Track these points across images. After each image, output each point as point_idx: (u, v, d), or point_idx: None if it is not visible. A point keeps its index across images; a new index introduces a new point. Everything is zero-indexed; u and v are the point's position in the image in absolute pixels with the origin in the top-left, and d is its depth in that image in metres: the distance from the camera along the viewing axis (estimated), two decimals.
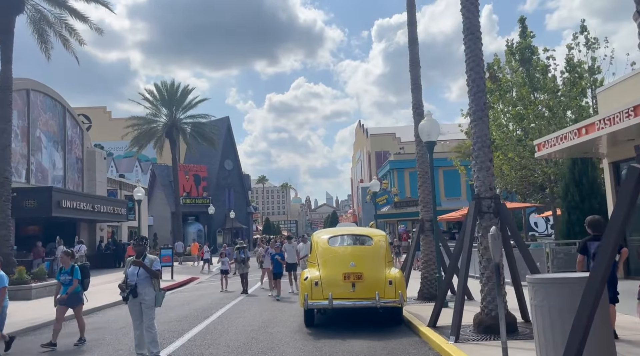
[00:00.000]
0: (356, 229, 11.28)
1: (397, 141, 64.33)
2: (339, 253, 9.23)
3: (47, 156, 27.63)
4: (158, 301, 6.89)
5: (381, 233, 10.11)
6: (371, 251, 9.23)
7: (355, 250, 9.31)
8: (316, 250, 9.38)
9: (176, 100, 38.85)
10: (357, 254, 9.12)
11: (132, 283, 6.74)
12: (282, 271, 14.64)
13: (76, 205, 25.07)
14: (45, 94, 27.70)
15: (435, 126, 10.42)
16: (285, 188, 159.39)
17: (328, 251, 9.29)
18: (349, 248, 9.38)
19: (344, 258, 9.00)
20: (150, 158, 66.74)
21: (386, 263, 9.10)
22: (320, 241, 9.56)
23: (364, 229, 10.86)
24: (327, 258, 9.11)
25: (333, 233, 10.05)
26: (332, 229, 11.42)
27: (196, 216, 54.61)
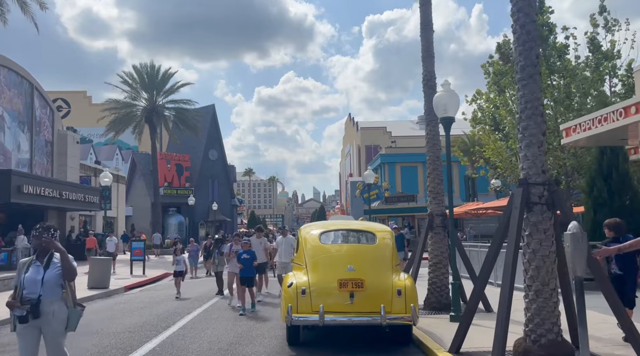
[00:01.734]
0: (354, 223, 9.10)
1: (389, 135, 62.47)
2: (333, 252, 7.24)
3: (10, 137, 25.23)
4: (71, 323, 4.50)
5: (386, 229, 8.14)
6: (374, 251, 7.27)
7: (354, 250, 7.33)
8: (304, 248, 7.39)
9: (157, 84, 36.53)
10: (356, 254, 7.15)
11: (32, 296, 4.35)
12: (253, 275, 10.71)
13: (40, 191, 22.79)
14: (10, 69, 25.27)
15: (453, 98, 8.47)
16: (273, 181, 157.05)
17: (319, 250, 7.29)
18: (346, 247, 7.41)
19: (339, 259, 7.03)
20: (132, 146, 64.11)
21: (393, 266, 7.15)
22: (310, 238, 7.56)
23: (365, 224, 8.73)
24: (318, 259, 7.12)
25: (325, 227, 8.03)
26: (325, 222, 9.36)
27: (177, 208, 52.22)
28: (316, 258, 7.14)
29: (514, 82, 15.89)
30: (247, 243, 10.92)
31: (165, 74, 36.72)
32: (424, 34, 10.02)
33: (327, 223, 9.35)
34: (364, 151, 62.83)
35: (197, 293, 14.48)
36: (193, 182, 52.84)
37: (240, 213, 72.83)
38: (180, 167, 52.69)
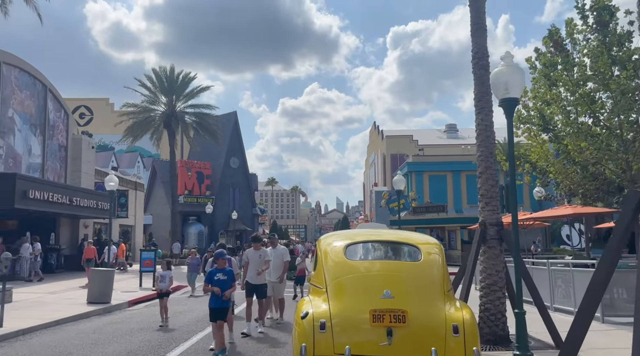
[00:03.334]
0: (389, 233, 6.74)
1: (415, 143, 60.35)
2: (362, 272, 5.42)
3: (21, 140, 24.18)
4: None
5: (431, 240, 6.23)
6: (419, 271, 5.43)
7: (392, 269, 5.49)
8: (324, 266, 5.60)
9: (176, 88, 35.36)
10: (394, 275, 5.31)
11: None
12: (227, 306, 7.49)
13: (48, 197, 21.54)
14: (22, 70, 24.29)
15: (517, 74, 6.61)
16: (295, 191, 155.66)
17: (344, 268, 5.47)
18: (381, 265, 5.58)
19: (372, 281, 5.23)
20: (154, 154, 63.49)
21: (445, 292, 5.30)
22: (332, 251, 5.76)
23: (403, 234, 6.68)
24: (343, 280, 5.31)
25: (351, 237, 6.12)
26: (351, 231, 7.45)
27: (198, 216, 51.00)
28: (340, 279, 5.33)
29: (569, 75, 13.91)
30: (224, 259, 7.54)
31: (185, 77, 35.58)
32: (473, 3, 8.19)
33: (353, 232, 7.10)
34: (389, 159, 60.81)
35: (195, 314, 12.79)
36: (214, 190, 51.62)
37: (262, 223, 71.37)
38: (200, 175, 51.56)
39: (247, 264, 9.80)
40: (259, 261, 9.54)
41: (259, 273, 9.46)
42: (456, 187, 44.64)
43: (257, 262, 9.53)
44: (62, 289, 17.53)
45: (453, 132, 69.13)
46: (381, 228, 7.50)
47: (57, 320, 11.20)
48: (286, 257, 10.55)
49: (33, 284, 18.27)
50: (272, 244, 10.58)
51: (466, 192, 44.72)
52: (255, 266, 9.51)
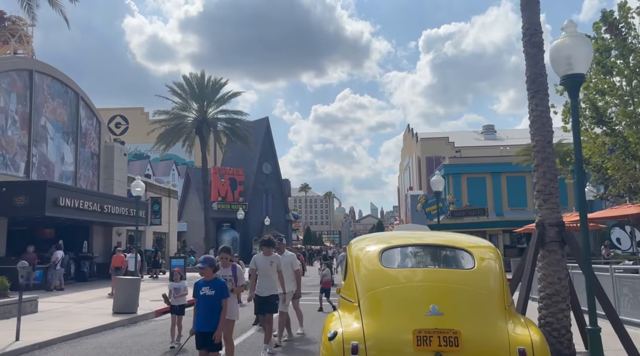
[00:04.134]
0: (433, 235, 5.67)
1: (451, 146, 58.64)
2: (403, 283, 4.49)
3: (53, 148, 24.22)
4: None
5: (485, 243, 5.24)
6: (473, 282, 4.45)
7: (439, 279, 4.52)
8: (355, 275, 4.70)
9: (207, 94, 35.13)
10: (443, 287, 4.34)
11: None
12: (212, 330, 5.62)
13: (79, 204, 21.36)
14: (54, 78, 24.37)
15: (584, 45, 5.57)
16: (329, 197, 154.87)
17: (381, 278, 4.56)
18: (425, 274, 4.63)
19: (415, 294, 4.30)
20: (188, 161, 63.93)
21: (506, 306, 4.32)
22: (365, 258, 4.86)
23: (450, 236, 5.59)
24: (380, 293, 4.40)
25: (387, 241, 5.14)
26: (387, 234, 6.43)
27: (232, 223, 50.82)
28: (376, 291, 4.41)
29: (626, 52, 12.58)
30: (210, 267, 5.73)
31: (216, 83, 35.32)
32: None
33: (389, 234, 6.12)
34: (425, 162, 59.25)
35: None
36: (247, 196, 51.38)
37: (295, 229, 70.83)
38: (234, 182, 51.42)
39: (254, 273, 8.28)
40: (270, 269, 8.20)
41: None
42: (496, 189, 42.84)
43: (267, 270, 8.17)
44: (91, 298, 17.15)
45: (491, 133, 66.96)
46: (422, 229, 6.40)
47: (79, 331, 10.66)
48: (295, 265, 9.28)
49: (62, 294, 17.99)
50: (278, 250, 9.03)
51: (507, 194, 42.87)
52: (265, 275, 8.16)
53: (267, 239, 8.58)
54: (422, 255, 4.96)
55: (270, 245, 8.44)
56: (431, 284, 4.40)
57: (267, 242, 8.46)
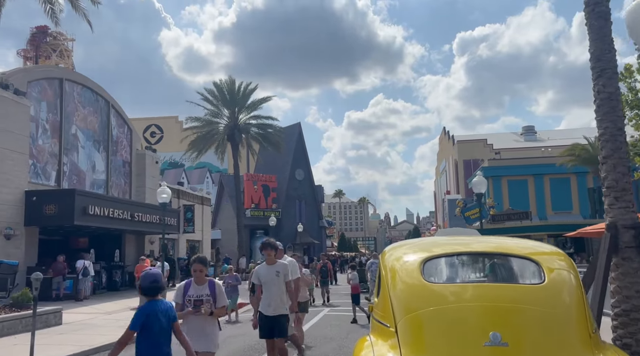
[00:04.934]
0: (488, 240, 4.60)
1: (489, 148, 56.69)
2: (452, 302, 3.54)
3: (84, 157, 24.16)
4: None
5: (553, 250, 4.20)
6: (545, 301, 3.47)
7: (499, 297, 3.50)
8: (390, 291, 3.81)
9: (238, 100, 34.83)
10: (505, 309, 3.37)
11: None
12: None
13: (109, 213, 21.10)
14: (84, 86, 24.35)
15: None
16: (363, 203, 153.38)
17: (423, 295, 3.61)
18: (480, 291, 3.67)
19: (468, 317, 3.36)
20: (222, 169, 64.06)
21: (590, 333, 3.32)
22: (403, 270, 3.94)
23: (508, 242, 4.38)
24: (423, 315, 3.47)
25: (429, 249, 4.13)
26: (428, 240, 5.17)
27: (265, 230, 50.38)
28: (418, 313, 3.48)
29: None
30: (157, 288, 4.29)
31: (246, 89, 35.00)
32: None
33: (431, 240, 4.85)
34: (462, 166, 57.49)
35: None
36: (280, 203, 50.87)
37: (330, 236, 69.92)
38: (266, 188, 51.01)
39: (259, 289, 6.86)
40: (276, 281, 6.65)
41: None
42: (539, 192, 40.91)
43: (273, 283, 6.63)
44: (119, 308, 16.71)
45: (531, 135, 64.51)
46: (472, 234, 5.30)
47: (97, 346, 10.07)
48: (295, 273, 7.62)
49: (90, 304, 17.63)
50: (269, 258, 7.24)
51: (550, 197, 40.88)
52: (270, 289, 6.63)
53: (266, 241, 6.88)
54: (475, 266, 4.01)
55: (271, 248, 6.73)
56: (489, 304, 3.43)
57: (266, 244, 6.75)
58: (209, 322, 5.13)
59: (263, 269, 6.82)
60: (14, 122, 18.70)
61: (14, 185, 18.53)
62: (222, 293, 5.28)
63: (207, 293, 5.12)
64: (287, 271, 6.82)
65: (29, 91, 20.15)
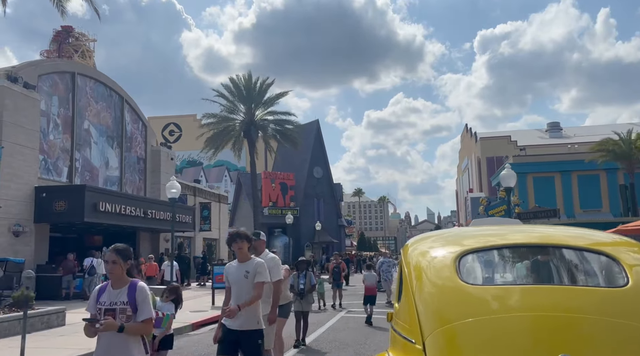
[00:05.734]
0: (538, 230, 3.53)
1: (514, 144, 55.01)
2: (499, 311, 2.61)
3: (97, 153, 23.72)
4: None
5: (629, 241, 3.25)
6: (631, 313, 2.56)
7: (566, 305, 2.52)
8: (416, 296, 2.86)
9: (255, 95, 34.10)
10: (574, 321, 2.48)
11: None
12: None
13: (120, 209, 20.60)
14: (97, 81, 23.92)
15: None
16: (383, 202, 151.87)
17: (460, 301, 2.67)
18: (537, 295, 2.69)
19: (524, 333, 2.45)
20: (240, 167, 63.64)
21: None
22: (431, 267, 3.00)
23: (567, 231, 3.39)
24: (461, 328, 2.53)
25: (463, 242, 3.16)
26: (462, 230, 3.98)
27: (283, 228, 49.72)
28: (453, 325, 2.57)
29: None
30: None
31: (263, 84, 34.25)
32: None
33: (466, 231, 3.78)
34: (485, 163, 55.95)
35: None
36: (298, 201, 50.13)
37: (349, 235, 68.97)
38: (284, 186, 50.32)
39: (227, 292, 5.24)
40: (245, 284, 4.96)
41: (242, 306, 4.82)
42: (566, 189, 39.35)
43: (241, 286, 4.96)
44: None
45: (556, 131, 62.56)
46: (514, 223, 4.30)
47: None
48: (276, 274, 5.94)
49: None
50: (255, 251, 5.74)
51: (578, 195, 39.27)
52: (239, 294, 4.95)
53: (234, 232, 5.12)
54: (526, 263, 3.08)
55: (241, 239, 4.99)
56: (552, 314, 2.51)
57: (233, 236, 5.02)
58: (129, 343, 3.61)
59: (232, 267, 5.15)
60: (24, 116, 18.28)
61: (24, 181, 18.10)
62: (145, 301, 3.68)
63: (124, 300, 3.66)
64: (261, 270, 5.00)
65: (39, 85, 19.73)
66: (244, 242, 5.05)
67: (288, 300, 7.64)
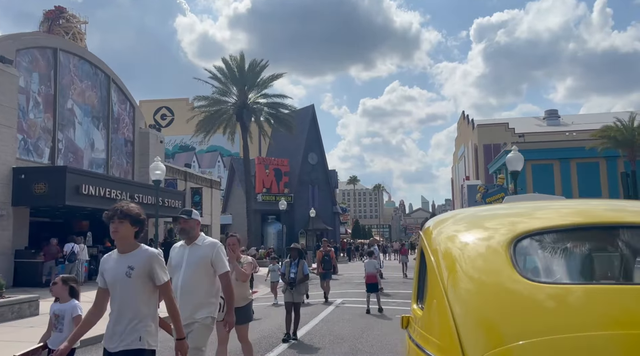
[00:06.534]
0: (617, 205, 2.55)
1: (511, 132, 54.21)
2: (585, 326, 1.76)
3: (82, 134, 22.65)
4: None
5: None
6: None
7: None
8: (451, 296, 1.97)
9: (248, 77, 33.01)
10: None
11: None
12: None
13: (105, 193, 19.58)
14: (82, 58, 22.76)
15: None
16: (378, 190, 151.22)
17: (523, 306, 1.84)
18: (633, 297, 1.91)
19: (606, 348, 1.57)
20: (234, 153, 62.54)
21: None
22: (473, 259, 2.07)
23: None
24: (527, 349, 1.70)
25: (512, 222, 2.24)
26: (502, 207, 2.78)
27: (277, 215, 48.84)
28: (517, 345, 1.70)
29: None
30: None
31: (256, 66, 33.15)
32: None
33: (510, 208, 2.66)
34: (482, 150, 55.18)
35: None
36: (292, 188, 49.22)
37: (344, 222, 68.23)
38: (278, 172, 49.36)
39: (100, 295, 3.72)
40: (130, 284, 3.48)
41: None
42: (565, 177, 38.70)
43: (124, 288, 3.43)
44: None
45: (554, 119, 61.77)
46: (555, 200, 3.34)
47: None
48: (222, 266, 4.52)
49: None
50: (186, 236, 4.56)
51: (577, 182, 38.62)
52: (120, 301, 3.46)
53: (113, 208, 3.45)
54: (613, 253, 2.19)
55: (120, 217, 3.35)
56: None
57: (110, 213, 3.40)
58: None
59: (111, 261, 3.53)
60: (1, 93, 17.18)
61: (0, 161, 17.06)
62: None
63: None
64: (152, 266, 3.38)
65: (18, 60, 18.60)
66: (123, 223, 3.35)
67: (248, 301, 5.82)
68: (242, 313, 5.44)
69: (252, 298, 5.96)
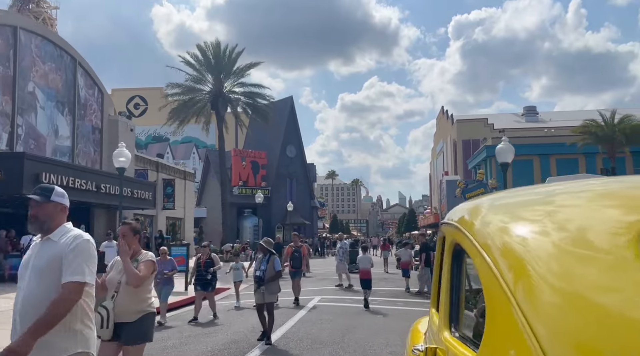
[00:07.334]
0: None
1: (490, 127, 54.09)
2: None
3: (45, 119, 21.24)
4: None
5: None
6: None
7: None
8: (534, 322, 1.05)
9: (224, 65, 31.79)
10: None
11: None
12: None
13: (68, 182, 18.29)
14: (45, 38, 21.32)
15: None
16: (356, 184, 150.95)
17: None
18: None
19: None
20: (209, 145, 61.11)
21: None
22: (579, 263, 1.11)
23: None
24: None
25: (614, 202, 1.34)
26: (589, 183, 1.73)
27: (253, 209, 47.72)
28: None
29: None
30: None
31: (232, 52, 31.94)
32: None
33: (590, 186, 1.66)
34: (461, 146, 54.96)
35: None
36: (269, 181, 48.14)
37: (322, 217, 67.46)
38: (255, 165, 48.20)
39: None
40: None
41: None
42: (545, 173, 38.52)
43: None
44: None
45: (532, 115, 61.96)
46: None
47: None
48: (70, 272, 2.73)
49: None
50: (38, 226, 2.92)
51: None
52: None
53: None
54: None
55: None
56: None
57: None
58: None
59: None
60: None
61: None
62: None
63: None
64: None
65: None
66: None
67: (142, 313, 4.11)
68: (133, 330, 3.99)
69: (153, 309, 4.19)
